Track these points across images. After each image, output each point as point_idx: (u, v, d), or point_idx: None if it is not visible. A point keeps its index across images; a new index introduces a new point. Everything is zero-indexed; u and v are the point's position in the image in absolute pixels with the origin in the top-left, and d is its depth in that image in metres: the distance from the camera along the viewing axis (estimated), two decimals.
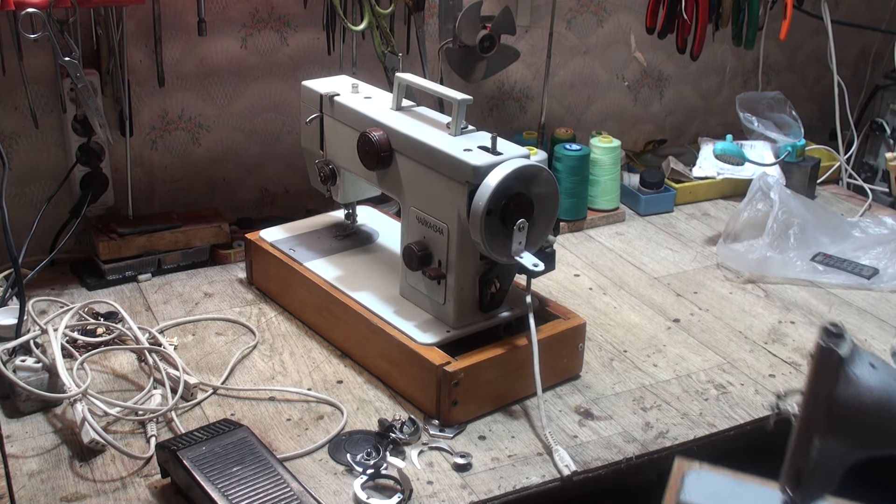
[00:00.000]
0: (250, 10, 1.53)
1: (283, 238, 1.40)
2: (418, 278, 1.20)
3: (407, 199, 1.21)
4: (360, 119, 1.25)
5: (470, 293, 1.18)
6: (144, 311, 1.37)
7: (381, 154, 1.20)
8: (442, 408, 1.12)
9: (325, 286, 1.28)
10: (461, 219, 1.12)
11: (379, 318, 1.20)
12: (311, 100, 1.34)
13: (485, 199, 1.08)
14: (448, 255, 1.16)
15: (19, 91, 1.40)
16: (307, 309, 1.32)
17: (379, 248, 1.41)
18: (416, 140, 1.18)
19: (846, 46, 2.12)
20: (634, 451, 1.09)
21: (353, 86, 1.33)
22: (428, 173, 1.16)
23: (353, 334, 1.24)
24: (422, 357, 1.13)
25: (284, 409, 1.15)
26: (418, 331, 1.17)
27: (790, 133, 1.84)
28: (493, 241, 1.11)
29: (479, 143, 1.15)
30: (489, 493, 1.02)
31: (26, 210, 1.45)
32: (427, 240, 1.18)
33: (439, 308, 1.19)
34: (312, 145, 1.37)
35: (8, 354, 1.13)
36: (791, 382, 1.24)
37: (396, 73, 1.27)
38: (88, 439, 1.04)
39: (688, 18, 1.72)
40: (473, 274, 1.17)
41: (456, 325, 1.18)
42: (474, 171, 1.10)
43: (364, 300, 1.24)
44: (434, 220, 1.16)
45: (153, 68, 1.48)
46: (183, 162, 1.58)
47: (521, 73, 1.81)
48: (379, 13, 1.52)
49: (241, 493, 0.92)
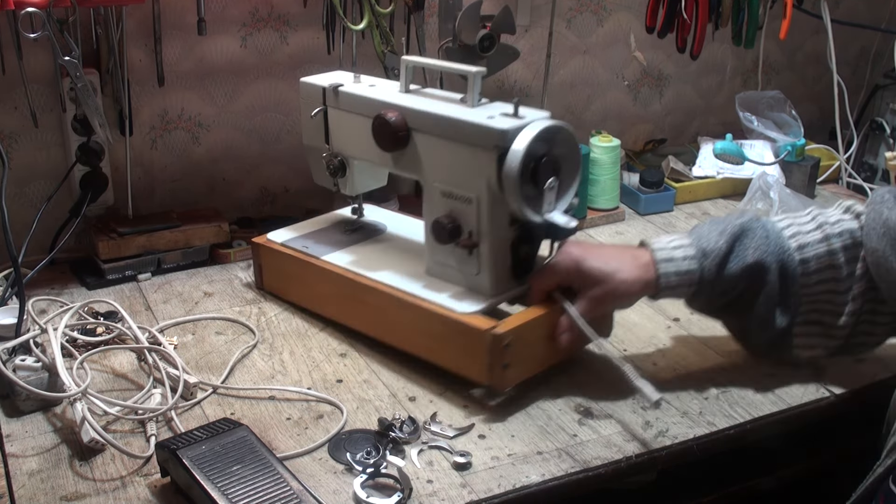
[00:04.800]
0: (250, 10, 1.54)
1: (293, 237, 1.40)
2: (447, 252, 1.21)
3: (428, 176, 1.22)
4: (371, 104, 1.25)
5: (502, 260, 1.19)
6: (144, 310, 1.37)
7: (398, 134, 1.20)
8: (493, 373, 1.13)
9: (349, 275, 1.27)
10: (490, 186, 1.14)
11: (413, 296, 1.20)
12: (312, 95, 1.34)
13: (518, 161, 1.10)
14: (479, 225, 1.17)
15: (19, 90, 1.40)
16: (329, 302, 1.32)
17: (390, 237, 1.41)
18: (436, 115, 1.18)
19: (846, 46, 2.12)
20: (634, 450, 1.09)
21: (355, 77, 1.33)
22: (451, 146, 1.17)
23: (386, 317, 1.24)
24: (467, 325, 1.14)
25: (284, 409, 1.15)
26: (456, 301, 1.18)
27: (790, 132, 1.84)
28: (527, 202, 1.13)
29: (500, 111, 1.16)
30: (489, 492, 1.02)
31: (26, 209, 1.45)
32: (454, 212, 1.19)
33: (473, 279, 1.20)
34: (316, 140, 1.37)
35: (8, 354, 1.13)
36: (791, 381, 1.24)
37: (403, 56, 1.27)
38: (88, 438, 1.04)
39: (687, 18, 1.72)
40: (505, 240, 1.18)
41: (492, 293, 1.19)
42: (502, 134, 1.11)
43: (393, 281, 1.24)
44: (460, 192, 1.17)
45: (153, 68, 1.49)
46: (183, 161, 1.58)
47: (520, 73, 1.81)
48: (379, 12, 1.52)
49: (241, 492, 0.92)
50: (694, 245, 1.16)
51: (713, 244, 1.15)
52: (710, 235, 1.16)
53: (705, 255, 1.15)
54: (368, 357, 1.27)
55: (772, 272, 1.15)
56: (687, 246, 1.16)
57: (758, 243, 1.16)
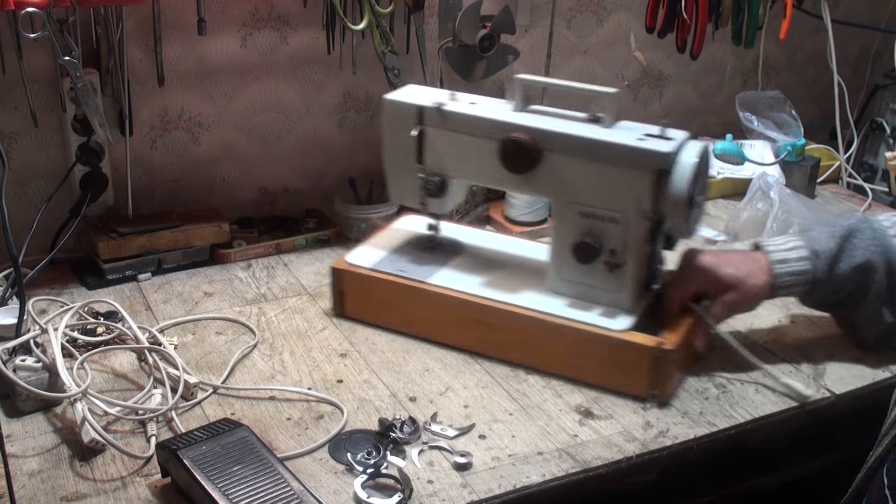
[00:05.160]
0: (250, 10, 1.53)
1: (379, 259, 1.34)
2: (584, 271, 1.22)
3: (564, 196, 1.22)
4: (488, 125, 1.23)
5: (639, 275, 1.21)
6: (144, 310, 1.37)
7: (531, 155, 1.19)
8: (660, 385, 1.16)
9: (471, 298, 1.25)
10: (640, 205, 1.16)
11: (560, 318, 1.20)
12: (403, 114, 1.29)
13: (686, 182, 1.13)
14: (626, 243, 1.19)
15: (19, 90, 1.40)
16: (441, 327, 1.26)
17: (475, 252, 1.38)
18: (577, 136, 1.19)
19: (846, 46, 2.12)
20: (635, 451, 1.09)
21: (450, 94, 1.29)
22: (595, 167, 1.18)
23: (521, 339, 1.23)
24: (630, 343, 1.16)
25: (284, 409, 1.15)
26: (607, 319, 1.20)
27: (790, 132, 1.84)
28: (687, 220, 1.16)
29: (643, 132, 1.18)
30: (489, 493, 1.02)
31: (26, 210, 1.45)
32: (594, 231, 1.20)
33: (612, 295, 1.22)
34: (405, 160, 1.31)
35: (8, 354, 1.13)
36: (791, 382, 1.24)
37: (517, 75, 1.25)
38: (88, 439, 1.04)
39: (687, 18, 1.72)
40: (644, 256, 1.21)
41: (632, 307, 1.21)
42: (664, 157, 1.13)
43: (526, 303, 1.23)
44: (605, 212, 1.19)
45: (153, 68, 1.48)
46: (183, 161, 1.58)
47: (520, 73, 1.81)
48: (379, 12, 1.52)
49: (242, 492, 0.92)
50: (806, 246, 1.23)
51: (824, 245, 1.22)
52: (820, 237, 1.23)
53: (817, 255, 1.21)
54: (368, 357, 1.27)
55: (879, 271, 1.22)
56: (800, 247, 1.23)
57: (866, 244, 1.22)
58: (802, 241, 1.24)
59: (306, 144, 1.68)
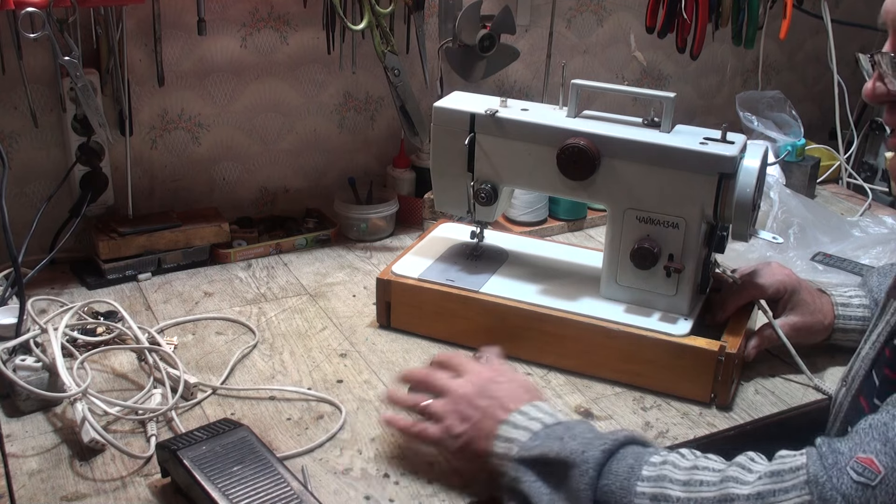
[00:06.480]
0: (250, 10, 1.53)
1: (425, 269, 1.33)
2: (641, 276, 1.22)
3: (622, 202, 1.21)
4: (545, 131, 1.22)
5: (695, 279, 1.22)
6: (144, 310, 1.37)
7: (592, 162, 1.19)
8: (723, 390, 1.16)
9: (527, 307, 1.24)
10: (703, 210, 1.16)
11: (615, 323, 1.20)
12: (452, 121, 1.27)
13: (752, 186, 1.14)
14: (686, 248, 1.19)
15: (19, 90, 1.40)
16: (495, 336, 1.22)
17: (523, 260, 1.37)
18: (638, 142, 1.18)
19: (846, 46, 2.11)
20: None
21: (501, 100, 1.28)
22: (656, 172, 1.18)
23: (580, 346, 1.22)
24: (693, 348, 1.16)
25: (284, 409, 1.15)
26: (668, 325, 1.20)
27: (790, 132, 1.84)
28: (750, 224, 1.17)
29: (703, 136, 1.18)
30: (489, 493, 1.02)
31: (26, 209, 1.45)
32: (653, 236, 1.20)
33: (669, 300, 1.22)
34: (453, 167, 1.29)
35: (8, 354, 1.13)
36: (792, 382, 1.24)
37: (574, 81, 1.24)
38: (88, 438, 1.04)
39: (687, 18, 1.72)
40: (700, 260, 1.21)
41: (689, 311, 1.22)
42: (729, 161, 1.13)
43: (584, 310, 1.23)
44: (665, 217, 1.19)
45: (153, 68, 1.48)
46: (183, 161, 1.58)
47: (520, 73, 1.81)
48: (379, 12, 1.52)
49: (242, 492, 0.92)
50: (867, 296, 1.26)
51: (882, 294, 1.20)
52: (881, 286, 1.25)
53: (877, 304, 1.20)
54: (368, 357, 1.27)
55: None
56: (862, 296, 1.27)
57: None
58: (864, 290, 1.27)
59: (306, 144, 1.68)
